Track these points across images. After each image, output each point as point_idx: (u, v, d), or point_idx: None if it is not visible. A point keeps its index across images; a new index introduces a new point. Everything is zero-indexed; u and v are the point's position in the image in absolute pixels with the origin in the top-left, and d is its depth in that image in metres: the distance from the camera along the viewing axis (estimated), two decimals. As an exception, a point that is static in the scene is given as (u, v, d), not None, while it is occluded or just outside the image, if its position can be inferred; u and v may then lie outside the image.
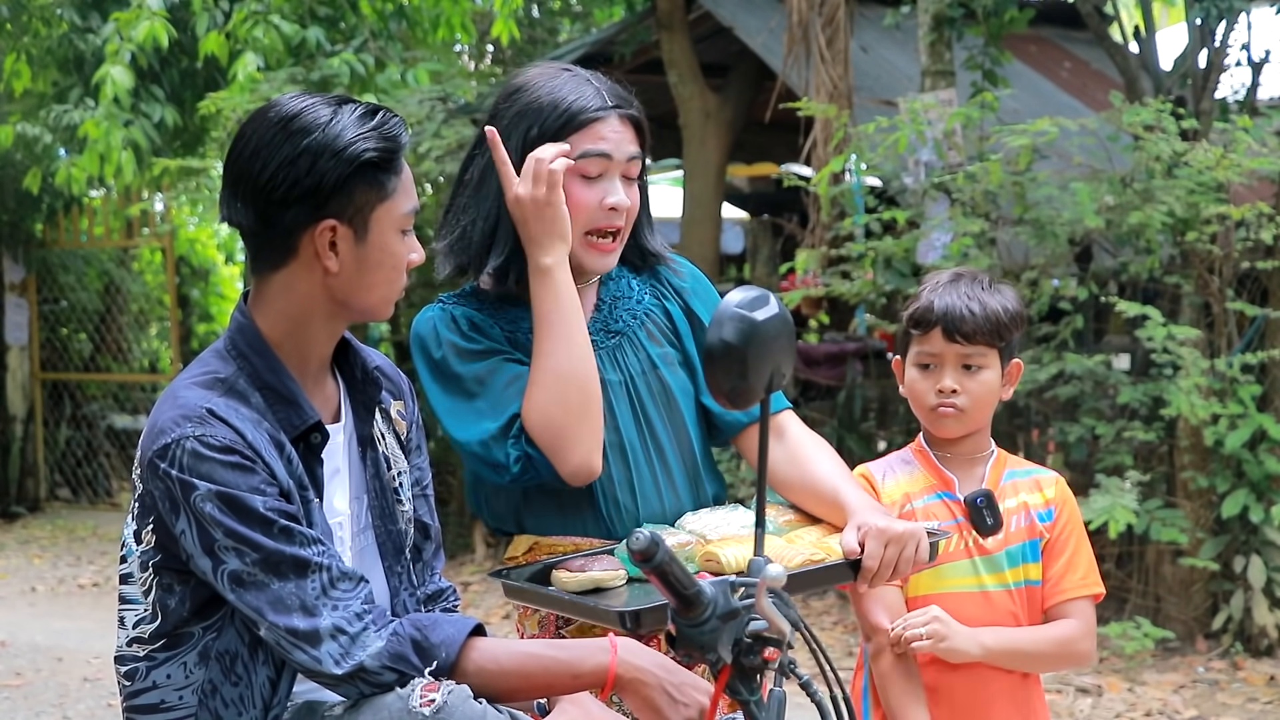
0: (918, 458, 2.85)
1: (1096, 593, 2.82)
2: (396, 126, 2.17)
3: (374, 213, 2.14)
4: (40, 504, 11.87)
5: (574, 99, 2.48)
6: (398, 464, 2.34)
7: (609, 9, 11.65)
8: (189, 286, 13.70)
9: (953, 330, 2.72)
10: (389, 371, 2.40)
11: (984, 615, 2.75)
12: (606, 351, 2.56)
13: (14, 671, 6.81)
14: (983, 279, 2.81)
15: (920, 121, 7.00)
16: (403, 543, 2.32)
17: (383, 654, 2.04)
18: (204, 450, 2.05)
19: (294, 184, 2.11)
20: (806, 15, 8.18)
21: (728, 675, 1.80)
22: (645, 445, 2.55)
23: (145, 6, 8.61)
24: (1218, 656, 6.49)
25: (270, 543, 2.04)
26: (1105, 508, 5.95)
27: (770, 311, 1.89)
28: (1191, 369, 6.23)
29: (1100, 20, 7.99)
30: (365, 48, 9.17)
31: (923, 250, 6.99)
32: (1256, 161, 6.34)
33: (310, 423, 2.16)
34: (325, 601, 2.05)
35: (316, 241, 2.14)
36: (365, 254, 2.16)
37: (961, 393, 2.74)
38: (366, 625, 2.05)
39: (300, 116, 2.13)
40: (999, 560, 2.77)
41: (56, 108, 9.42)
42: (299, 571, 2.04)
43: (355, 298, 2.18)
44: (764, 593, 1.77)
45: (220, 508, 2.04)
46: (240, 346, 2.18)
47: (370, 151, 2.12)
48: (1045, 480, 2.86)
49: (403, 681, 2.04)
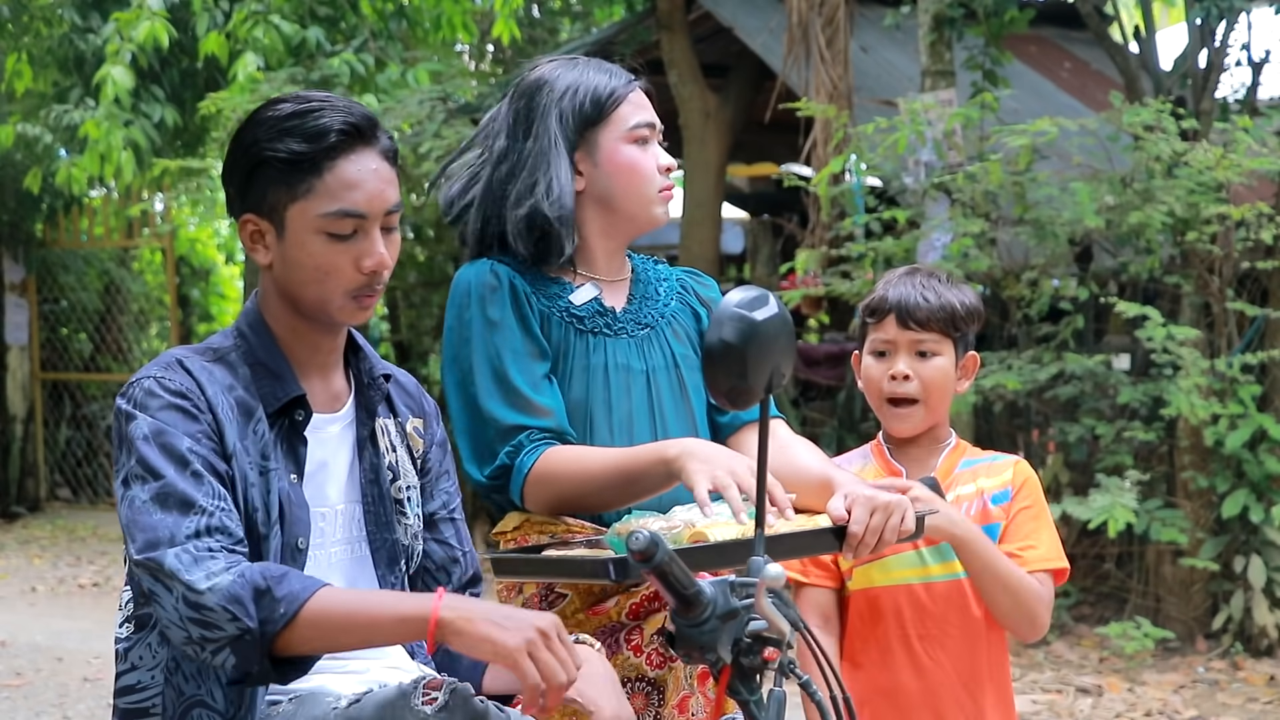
0: (874, 451, 2.84)
1: (1058, 567, 2.76)
2: (326, 125, 2.14)
3: (288, 211, 2.16)
4: (40, 504, 11.87)
5: (605, 78, 2.58)
6: (406, 477, 2.33)
7: (609, 9, 11.64)
8: (189, 286, 13.70)
9: (905, 316, 2.72)
10: (411, 389, 2.41)
11: (930, 608, 2.72)
12: (635, 341, 2.61)
13: (14, 671, 6.81)
14: (940, 275, 2.81)
15: (920, 121, 7.00)
16: (399, 554, 2.31)
17: (221, 590, 2.00)
18: (157, 389, 2.12)
19: (225, 177, 2.22)
20: (806, 15, 8.18)
21: (728, 675, 1.80)
22: (654, 435, 2.57)
23: (145, 6, 8.60)
24: (1218, 656, 6.49)
25: (174, 478, 2.06)
26: (1105, 508, 5.95)
27: (770, 311, 1.89)
28: (1191, 369, 6.24)
29: (1100, 20, 7.99)
30: (365, 48, 9.17)
31: (923, 250, 7.00)
32: (1256, 161, 6.34)
33: (292, 396, 2.19)
34: (192, 541, 2.04)
35: (242, 232, 2.20)
36: (285, 251, 2.18)
37: (914, 378, 2.73)
38: (217, 555, 2.03)
39: (259, 111, 2.20)
40: (947, 549, 2.72)
41: (57, 108, 9.41)
42: (183, 509, 2.05)
43: (295, 294, 2.19)
44: (763, 593, 1.77)
45: (147, 439, 2.09)
46: (242, 326, 2.24)
47: (273, 150, 2.14)
48: (1003, 464, 2.82)
49: (239, 627, 2.00)
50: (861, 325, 2.82)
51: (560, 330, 2.55)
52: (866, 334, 2.80)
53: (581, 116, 2.56)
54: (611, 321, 2.60)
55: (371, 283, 2.18)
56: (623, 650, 2.49)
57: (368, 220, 2.16)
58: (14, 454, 11.82)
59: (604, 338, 2.58)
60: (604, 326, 2.58)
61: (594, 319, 2.58)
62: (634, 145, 2.58)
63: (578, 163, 2.57)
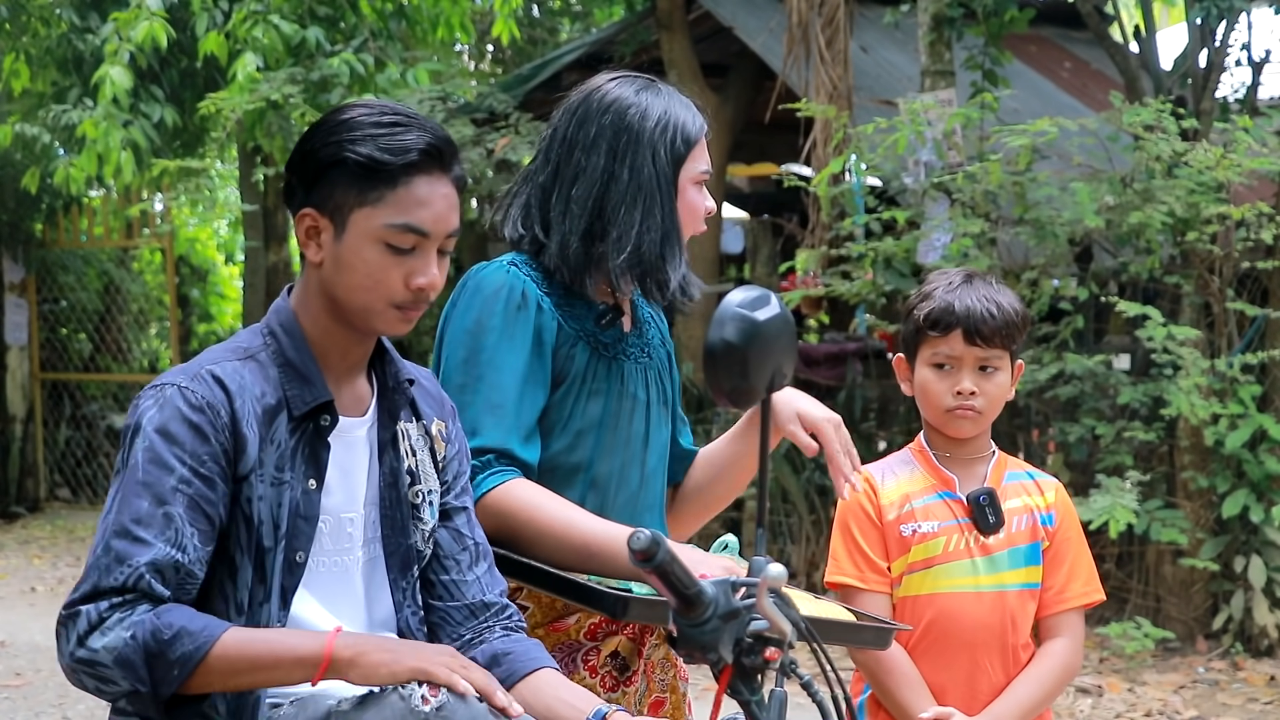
0: (917, 458, 2.84)
1: (1097, 599, 2.83)
2: (412, 141, 2.15)
3: (352, 214, 2.16)
4: (40, 504, 11.86)
5: (688, 116, 2.59)
6: (427, 481, 2.32)
7: (609, 9, 11.65)
8: (189, 286, 13.70)
9: (974, 333, 2.72)
10: (433, 390, 2.39)
11: (980, 615, 2.74)
12: (639, 368, 2.63)
13: (14, 671, 6.81)
14: (990, 279, 2.81)
15: (920, 121, 7.00)
16: (412, 559, 2.30)
17: (112, 650, 2.01)
18: (179, 400, 2.10)
19: (295, 164, 2.20)
20: (806, 15, 8.18)
21: (729, 675, 1.80)
22: (641, 464, 2.61)
23: (144, 6, 8.59)
24: (1218, 657, 6.49)
25: (144, 513, 2.05)
26: (1105, 508, 5.94)
27: (771, 311, 1.89)
28: (1191, 369, 6.23)
29: (1100, 20, 7.99)
30: (365, 47, 9.16)
31: (923, 250, 6.99)
32: (1256, 161, 6.34)
33: (320, 400, 2.17)
34: (113, 596, 2.03)
35: (299, 226, 2.19)
36: (340, 253, 2.17)
37: (979, 395, 2.74)
38: (124, 618, 2.02)
39: (346, 109, 2.20)
40: (1000, 560, 2.76)
41: (55, 108, 9.41)
42: (120, 559, 2.04)
43: (340, 297, 2.18)
44: (765, 592, 1.77)
45: (146, 450, 2.08)
46: (273, 325, 2.23)
47: (353, 152, 2.14)
48: (1046, 484, 2.87)
49: (132, 686, 2.02)
50: (915, 332, 2.78)
51: (585, 352, 2.55)
52: (922, 342, 2.77)
53: (674, 155, 2.56)
54: (626, 346, 2.62)
55: (418, 299, 2.18)
56: (579, 670, 2.50)
57: (429, 239, 2.17)
58: (14, 454, 11.81)
59: (621, 362, 2.60)
60: (621, 351, 2.60)
61: (615, 344, 2.60)
62: (696, 188, 2.62)
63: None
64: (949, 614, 2.72)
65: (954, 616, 2.73)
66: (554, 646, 2.49)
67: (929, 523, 2.75)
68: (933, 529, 2.76)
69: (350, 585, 2.23)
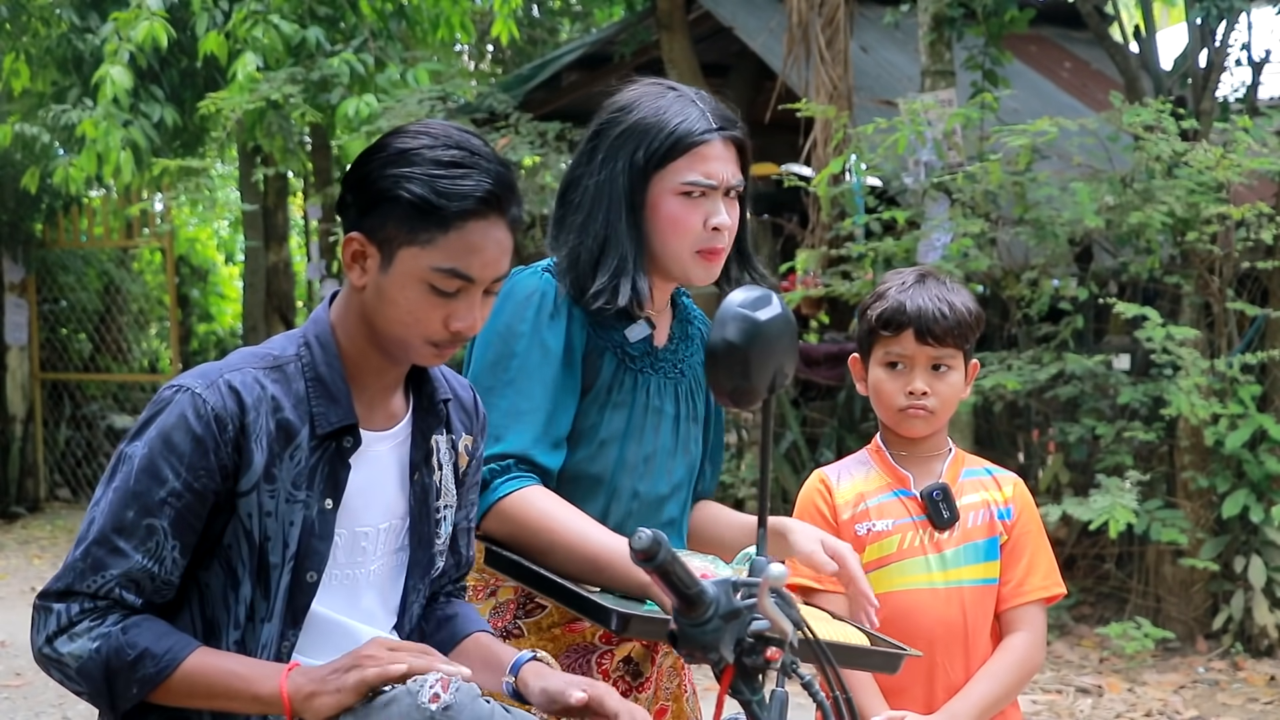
0: (874, 457, 2.84)
1: (1056, 594, 2.81)
2: (472, 188, 2.08)
3: (400, 250, 2.10)
4: (40, 504, 11.86)
5: (680, 121, 2.46)
6: (447, 496, 2.32)
7: (609, 9, 11.65)
8: (189, 286, 13.71)
9: (925, 332, 2.71)
10: (468, 405, 2.37)
11: (937, 612, 2.73)
12: (670, 382, 2.60)
13: (14, 671, 6.81)
14: (944, 278, 2.81)
15: (920, 121, 7.00)
16: (433, 567, 2.32)
17: (77, 657, 2.04)
18: (188, 407, 2.08)
19: (350, 184, 2.15)
20: (806, 15, 8.18)
21: (730, 675, 1.80)
22: (666, 477, 2.59)
23: (145, 6, 8.60)
24: (1218, 657, 6.49)
25: (128, 522, 2.05)
26: (1105, 508, 5.94)
27: (773, 311, 1.88)
28: (1191, 369, 6.24)
29: (1100, 20, 7.99)
30: (365, 47, 9.17)
31: (923, 250, 7.00)
32: (1256, 161, 6.34)
33: (344, 424, 2.15)
34: (84, 600, 2.05)
35: (346, 247, 2.15)
36: (384, 285, 2.12)
37: (931, 394, 2.74)
38: (93, 627, 2.04)
39: (413, 138, 2.12)
40: (955, 556, 2.74)
41: (55, 107, 9.41)
42: (97, 568, 2.05)
43: (378, 325, 2.15)
44: (766, 592, 1.77)
45: (144, 457, 2.07)
46: (309, 336, 2.19)
47: (409, 192, 2.08)
48: (1005, 479, 2.85)
49: (91, 695, 2.05)
50: (869, 332, 2.79)
51: (612, 365, 2.52)
52: (875, 342, 2.77)
53: (650, 159, 2.46)
54: (655, 361, 2.58)
55: (455, 340, 2.15)
56: (592, 673, 2.49)
57: (474, 285, 2.12)
58: (14, 454, 11.81)
59: (648, 375, 2.57)
60: (649, 365, 2.57)
61: (643, 358, 2.56)
62: (681, 199, 2.47)
63: (639, 204, 2.49)
64: (905, 612, 2.71)
65: (910, 614, 2.71)
66: (569, 647, 2.49)
67: (883, 521, 2.75)
68: (887, 527, 2.75)
69: (355, 595, 2.22)
